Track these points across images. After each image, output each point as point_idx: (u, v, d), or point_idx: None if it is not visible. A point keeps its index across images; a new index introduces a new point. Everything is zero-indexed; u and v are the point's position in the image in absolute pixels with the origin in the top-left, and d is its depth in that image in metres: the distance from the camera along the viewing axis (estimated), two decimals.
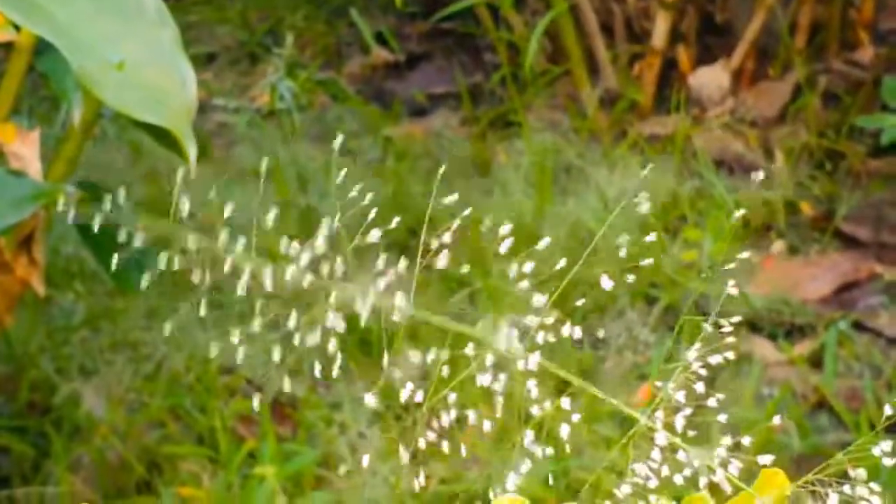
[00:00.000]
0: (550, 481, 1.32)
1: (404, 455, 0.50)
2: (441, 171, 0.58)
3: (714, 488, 0.48)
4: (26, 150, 1.19)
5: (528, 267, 0.51)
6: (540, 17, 2.08)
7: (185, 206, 0.54)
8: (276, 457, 1.43)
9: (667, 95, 2.08)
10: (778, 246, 1.80)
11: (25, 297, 1.36)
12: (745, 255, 0.59)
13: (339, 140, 0.55)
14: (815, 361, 1.60)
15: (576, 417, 0.51)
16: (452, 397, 0.50)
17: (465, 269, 0.60)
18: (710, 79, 2.11)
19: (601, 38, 2.10)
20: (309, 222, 1.74)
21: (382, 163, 1.93)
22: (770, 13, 2.06)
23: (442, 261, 0.51)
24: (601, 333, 1.61)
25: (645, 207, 0.54)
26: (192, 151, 1.01)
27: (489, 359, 0.50)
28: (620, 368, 1.56)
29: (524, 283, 0.51)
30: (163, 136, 1.20)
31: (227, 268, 0.51)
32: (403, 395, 0.49)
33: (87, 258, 1.62)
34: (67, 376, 1.54)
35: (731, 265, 0.54)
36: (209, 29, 2.29)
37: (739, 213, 1.65)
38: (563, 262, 0.58)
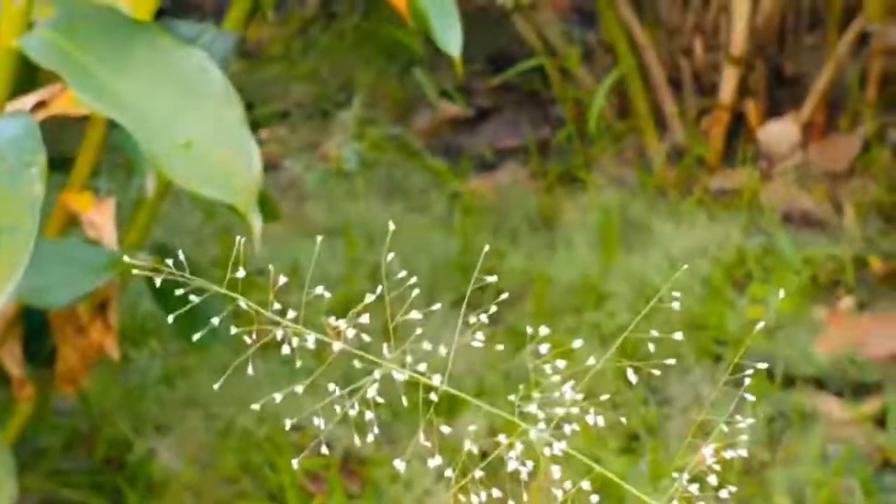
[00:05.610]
0: None
1: None
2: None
3: None
4: (102, 218, 1.23)
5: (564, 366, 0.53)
6: (608, 73, 2.09)
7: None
8: None
9: (735, 149, 2.09)
10: (846, 302, 1.80)
11: (103, 355, 1.40)
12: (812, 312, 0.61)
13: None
14: (881, 420, 1.59)
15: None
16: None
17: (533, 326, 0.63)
18: (780, 132, 2.11)
19: (669, 92, 2.11)
20: (377, 279, 1.76)
21: (450, 219, 1.95)
22: (840, 66, 2.06)
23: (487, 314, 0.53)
24: (667, 392, 1.62)
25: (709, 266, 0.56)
26: (257, 224, 1.05)
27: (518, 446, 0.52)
28: (685, 427, 1.56)
29: (556, 377, 0.53)
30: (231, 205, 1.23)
31: (279, 335, 0.54)
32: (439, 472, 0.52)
33: (162, 316, 1.66)
34: (143, 433, 1.58)
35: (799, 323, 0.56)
36: (283, 86, 2.34)
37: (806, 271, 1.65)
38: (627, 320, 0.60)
